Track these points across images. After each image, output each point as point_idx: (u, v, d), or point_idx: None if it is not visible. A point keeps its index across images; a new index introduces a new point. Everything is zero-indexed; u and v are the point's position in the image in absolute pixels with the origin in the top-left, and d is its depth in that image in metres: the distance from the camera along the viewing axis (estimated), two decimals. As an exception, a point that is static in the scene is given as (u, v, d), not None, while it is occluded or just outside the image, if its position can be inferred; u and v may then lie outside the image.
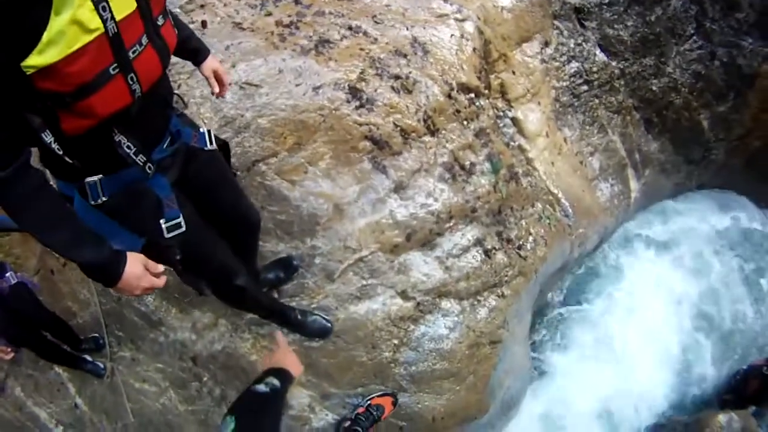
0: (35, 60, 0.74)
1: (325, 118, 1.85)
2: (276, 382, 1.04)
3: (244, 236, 1.56)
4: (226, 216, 1.42)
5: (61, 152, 0.91)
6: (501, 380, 2.24)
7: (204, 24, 2.09)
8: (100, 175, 1.00)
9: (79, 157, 0.95)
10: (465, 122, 2.03)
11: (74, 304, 2.34)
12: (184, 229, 1.13)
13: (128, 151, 0.98)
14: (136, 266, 0.99)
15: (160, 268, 1.05)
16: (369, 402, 1.96)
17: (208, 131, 1.26)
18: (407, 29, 2.07)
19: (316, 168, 1.84)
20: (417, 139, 1.92)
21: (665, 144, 3.12)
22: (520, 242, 2.13)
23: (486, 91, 2.17)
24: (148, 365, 2.24)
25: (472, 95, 2.10)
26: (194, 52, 1.31)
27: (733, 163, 3.51)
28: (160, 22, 0.95)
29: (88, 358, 2.30)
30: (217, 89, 1.36)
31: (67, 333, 2.23)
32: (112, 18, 0.81)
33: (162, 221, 1.11)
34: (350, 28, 2.04)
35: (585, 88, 2.65)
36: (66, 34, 0.75)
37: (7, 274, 1.97)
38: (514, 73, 2.32)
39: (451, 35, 2.12)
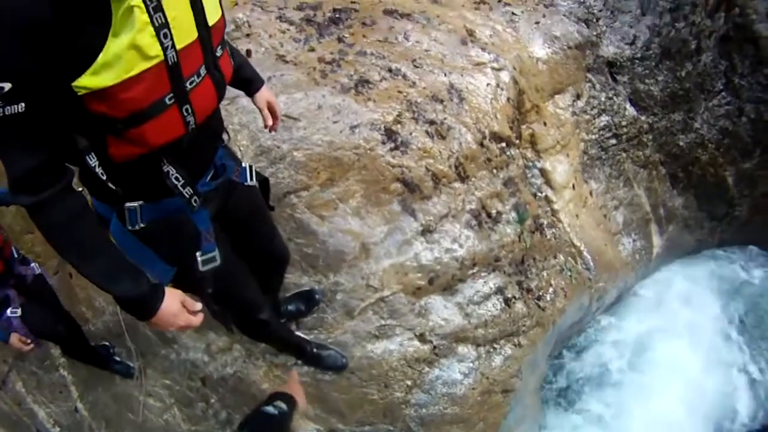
0: (88, 81, 0.71)
1: (359, 157, 1.90)
2: (284, 406, 1.10)
3: (272, 272, 1.58)
4: (258, 251, 1.43)
5: (104, 177, 0.89)
6: (510, 430, 2.21)
7: (249, 53, 2.16)
8: (141, 201, 0.99)
9: (122, 183, 0.93)
10: (495, 171, 2.06)
11: (89, 310, 2.37)
12: (219, 263, 1.11)
13: (176, 182, 0.96)
14: (174, 303, 0.96)
15: (198, 306, 1.02)
16: (376, 442, 1.94)
17: (250, 167, 1.25)
18: (445, 75, 2.13)
19: (346, 205, 1.87)
20: (447, 184, 1.95)
21: (690, 200, 3.11)
22: (540, 293, 2.12)
23: (517, 141, 2.21)
24: (155, 380, 2.25)
25: (504, 144, 2.13)
26: (248, 81, 1.27)
27: (756, 220, 3.47)
28: (219, 53, 0.92)
29: (117, 357, 2.28)
30: (270, 122, 1.32)
31: (78, 336, 2.23)
32: (173, 46, 0.77)
33: (198, 254, 1.08)
34: (390, 70, 2.10)
35: (613, 141, 2.68)
36: (123, 58, 0.72)
37: (32, 264, 1.99)
38: (545, 124, 2.35)
39: (487, 84, 2.17)
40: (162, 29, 0.75)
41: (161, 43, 0.76)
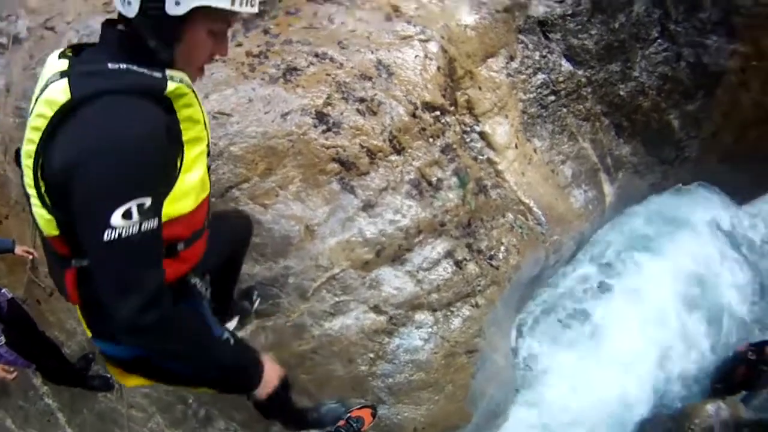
0: (171, 209, 0.85)
1: (293, 143, 1.93)
2: None
3: (239, 252, 1.63)
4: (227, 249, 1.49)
5: None
6: (482, 389, 2.28)
7: (177, 56, 2.16)
8: None
9: None
10: (431, 139, 2.10)
11: (61, 333, 2.38)
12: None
13: (201, 290, 1.09)
14: (273, 368, 1.12)
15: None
16: (349, 415, 2.00)
17: None
18: (372, 53, 2.16)
19: (286, 191, 1.90)
20: (383, 158, 1.99)
21: (637, 146, 3.19)
22: (492, 252, 2.18)
23: (452, 108, 2.25)
24: (134, 391, 2.28)
25: (437, 113, 2.17)
26: None
27: (707, 159, 3.56)
28: None
29: (94, 374, 2.30)
30: None
31: (58, 355, 2.21)
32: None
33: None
34: (317, 54, 2.13)
35: (552, 98, 2.73)
36: (196, 188, 0.90)
37: (3, 290, 2.01)
38: (480, 88, 2.39)
39: (415, 56, 2.20)
40: (210, 167, 0.98)
41: (210, 178, 0.98)
